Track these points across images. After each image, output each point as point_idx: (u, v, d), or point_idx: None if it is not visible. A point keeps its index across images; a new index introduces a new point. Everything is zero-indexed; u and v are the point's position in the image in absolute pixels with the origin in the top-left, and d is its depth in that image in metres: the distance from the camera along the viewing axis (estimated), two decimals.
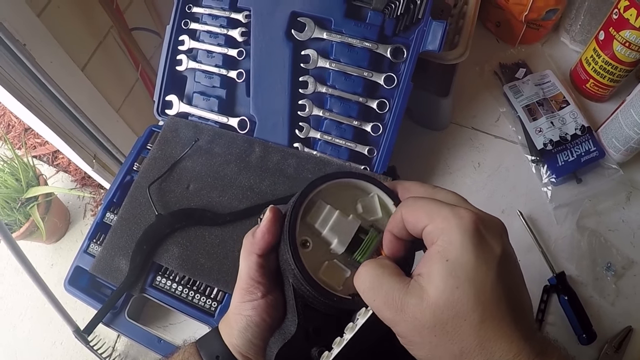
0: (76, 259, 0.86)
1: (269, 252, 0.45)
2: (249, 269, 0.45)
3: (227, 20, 0.88)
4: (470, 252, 0.33)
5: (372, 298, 0.36)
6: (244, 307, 0.46)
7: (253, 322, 0.45)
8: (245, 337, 0.46)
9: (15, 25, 1.00)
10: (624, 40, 0.85)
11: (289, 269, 0.42)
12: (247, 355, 0.46)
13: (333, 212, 0.42)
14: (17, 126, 2.13)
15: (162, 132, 0.89)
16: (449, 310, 0.33)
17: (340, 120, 0.83)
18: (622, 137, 0.86)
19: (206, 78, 0.90)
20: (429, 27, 0.78)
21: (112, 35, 1.29)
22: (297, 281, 0.41)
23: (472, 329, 0.32)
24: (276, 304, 0.46)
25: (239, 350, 0.46)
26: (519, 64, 1.03)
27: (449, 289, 0.33)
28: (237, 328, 0.46)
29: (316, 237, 0.42)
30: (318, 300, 0.41)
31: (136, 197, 0.84)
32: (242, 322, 0.46)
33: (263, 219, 0.44)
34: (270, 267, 0.46)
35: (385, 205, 0.44)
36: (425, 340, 0.34)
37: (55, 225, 1.77)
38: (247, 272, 0.45)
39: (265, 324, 0.45)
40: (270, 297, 0.45)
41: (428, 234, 0.36)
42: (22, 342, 1.75)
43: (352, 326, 0.38)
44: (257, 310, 0.45)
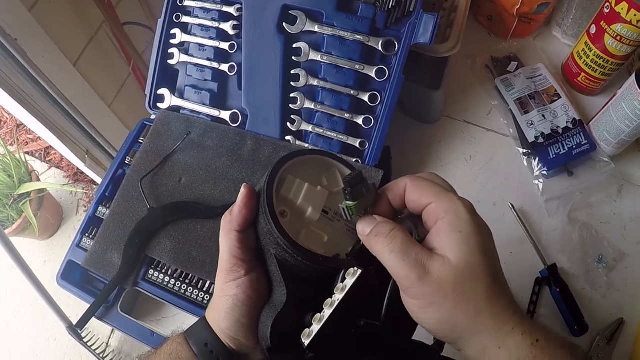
0: (69, 253, 0.86)
1: (247, 228, 0.46)
2: (230, 247, 0.46)
3: (218, 14, 0.88)
4: (477, 227, 0.39)
5: (402, 259, 0.39)
6: (229, 287, 0.46)
7: (239, 301, 0.45)
8: (233, 318, 0.46)
9: (6, 19, 1.00)
10: (615, 34, 0.85)
11: (271, 240, 0.44)
12: (236, 338, 0.46)
13: (303, 185, 0.45)
14: (9, 122, 2.11)
15: (154, 125, 0.89)
16: (468, 272, 0.38)
17: (332, 113, 0.83)
18: (614, 130, 0.87)
19: (198, 71, 0.90)
20: (420, 19, 0.79)
21: (104, 29, 1.29)
22: (281, 250, 0.43)
23: (485, 289, 0.38)
24: (260, 280, 0.46)
25: (228, 333, 0.46)
26: (511, 58, 1.03)
27: (465, 254, 0.38)
28: (223, 310, 0.46)
29: (291, 208, 0.45)
30: (303, 265, 0.43)
31: (128, 190, 0.84)
32: (229, 302, 0.46)
33: (239, 196, 0.46)
34: (250, 244, 0.47)
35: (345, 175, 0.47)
36: (446, 300, 0.38)
37: (48, 222, 1.77)
38: (228, 251, 0.46)
39: (251, 302, 0.46)
40: (254, 274, 0.46)
41: (432, 210, 0.41)
42: (16, 339, 1.74)
43: (342, 287, 0.41)
44: (242, 287, 0.45)
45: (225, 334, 0.46)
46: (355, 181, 0.42)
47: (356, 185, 0.42)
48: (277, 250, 0.44)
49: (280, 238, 0.42)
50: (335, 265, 0.43)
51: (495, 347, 0.37)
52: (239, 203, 0.45)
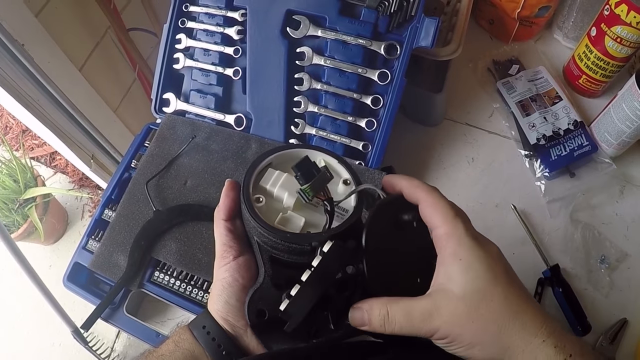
0: (75, 255, 0.87)
1: (233, 217, 0.51)
2: (220, 235, 0.50)
3: (223, 19, 0.89)
4: (480, 250, 0.40)
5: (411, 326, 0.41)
6: (220, 272, 0.49)
7: (227, 283, 0.48)
8: (222, 300, 0.49)
9: (13, 25, 1.01)
10: (615, 36, 0.86)
11: (250, 225, 0.48)
12: (227, 319, 0.49)
13: (282, 175, 0.49)
14: (15, 128, 2.13)
15: (159, 129, 0.90)
16: (477, 295, 0.39)
17: (335, 117, 0.84)
18: (615, 131, 0.87)
19: (203, 76, 0.91)
20: (422, 23, 0.80)
21: (110, 35, 1.30)
22: (258, 232, 0.46)
23: (500, 304, 0.39)
24: (248, 264, 0.49)
25: (221, 316, 0.49)
26: (512, 61, 1.04)
27: (470, 279, 0.39)
28: (215, 293, 0.49)
29: (269, 196, 0.49)
30: (276, 244, 0.45)
31: (134, 193, 0.85)
32: (219, 286, 0.49)
33: (223, 188, 0.51)
34: (238, 232, 0.51)
35: (330, 165, 0.51)
36: (465, 329, 0.39)
37: (53, 226, 1.78)
38: (219, 239, 0.50)
39: (237, 284, 0.48)
40: (242, 259, 0.49)
41: (438, 237, 0.42)
42: (21, 343, 1.75)
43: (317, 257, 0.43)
44: (230, 271, 0.48)
45: (218, 316, 0.49)
46: (303, 165, 0.45)
47: (305, 169, 0.45)
48: (256, 233, 0.47)
49: (251, 218, 0.45)
50: (302, 240, 0.44)
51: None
52: (222, 194, 0.51)
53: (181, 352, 0.48)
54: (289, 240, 0.44)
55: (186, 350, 0.48)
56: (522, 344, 0.38)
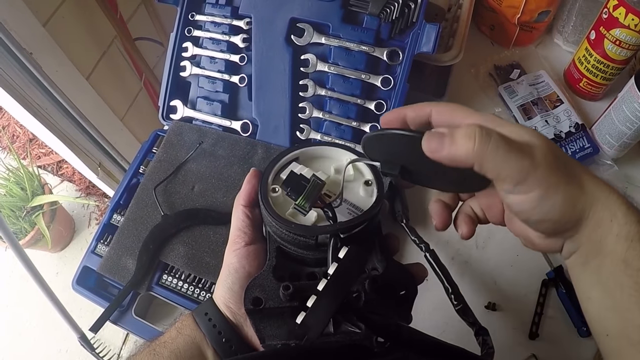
0: (84, 259, 0.88)
1: (252, 204, 0.51)
2: (236, 220, 0.50)
3: (229, 27, 0.91)
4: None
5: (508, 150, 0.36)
6: (228, 257, 0.49)
7: (233, 269, 0.48)
8: (226, 285, 0.48)
9: (21, 34, 1.03)
10: (614, 39, 0.88)
11: (262, 214, 0.48)
12: (228, 305, 0.48)
13: (304, 169, 0.48)
14: (22, 136, 2.16)
15: (167, 136, 0.91)
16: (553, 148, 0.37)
17: (340, 122, 0.85)
18: (615, 133, 0.88)
19: (209, 83, 0.92)
20: (423, 29, 0.81)
21: (116, 44, 1.32)
22: (267, 219, 0.46)
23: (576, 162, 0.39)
24: (257, 253, 0.49)
25: (222, 302, 0.49)
26: (514, 65, 1.05)
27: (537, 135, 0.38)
28: (221, 279, 0.49)
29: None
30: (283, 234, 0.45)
31: (142, 198, 0.86)
32: (225, 270, 0.49)
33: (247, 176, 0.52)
34: (255, 221, 0.50)
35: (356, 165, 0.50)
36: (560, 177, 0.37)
37: (60, 234, 1.80)
38: (235, 224, 0.50)
39: (243, 271, 0.48)
40: (253, 247, 0.49)
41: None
42: (28, 350, 1.76)
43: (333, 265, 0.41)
44: (238, 257, 0.48)
45: (219, 302, 0.49)
46: (291, 181, 0.46)
47: (294, 183, 0.46)
48: (266, 221, 0.47)
49: (262, 205, 0.45)
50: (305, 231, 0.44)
51: (608, 220, 0.37)
52: (245, 179, 0.51)
53: (182, 339, 0.48)
54: (293, 231, 0.44)
55: (187, 337, 0.48)
56: (603, 198, 0.37)
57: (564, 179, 0.37)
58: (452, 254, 0.89)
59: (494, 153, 0.36)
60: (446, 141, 0.37)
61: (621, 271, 0.37)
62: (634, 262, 0.36)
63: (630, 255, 0.37)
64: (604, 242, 0.38)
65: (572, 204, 0.37)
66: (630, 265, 0.37)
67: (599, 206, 0.37)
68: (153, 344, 0.48)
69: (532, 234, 0.43)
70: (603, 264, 0.38)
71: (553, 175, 0.37)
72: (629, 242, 0.37)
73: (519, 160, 0.36)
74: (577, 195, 0.37)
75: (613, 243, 0.37)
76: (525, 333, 0.81)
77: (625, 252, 0.37)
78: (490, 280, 0.86)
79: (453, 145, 0.37)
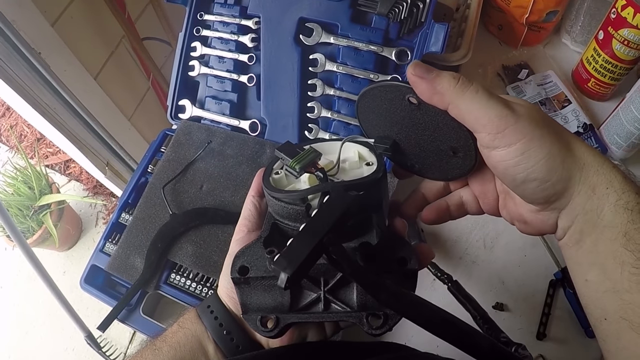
0: (92, 257, 0.89)
1: (261, 194, 0.51)
2: (245, 209, 0.50)
3: (237, 27, 0.91)
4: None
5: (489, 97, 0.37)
6: (232, 246, 0.48)
7: None
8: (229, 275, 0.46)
9: (30, 34, 1.04)
10: (622, 39, 0.87)
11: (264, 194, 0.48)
12: (232, 297, 0.47)
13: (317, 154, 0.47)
14: (30, 136, 2.17)
15: (175, 135, 0.92)
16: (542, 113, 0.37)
17: (348, 121, 0.85)
18: (624, 133, 0.88)
19: (218, 83, 0.93)
20: (432, 29, 0.81)
21: (124, 44, 1.33)
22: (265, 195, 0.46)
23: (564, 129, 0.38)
24: None
25: (226, 292, 0.48)
26: (522, 65, 1.05)
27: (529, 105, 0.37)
28: (223, 270, 0.48)
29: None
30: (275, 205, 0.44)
31: (151, 197, 0.87)
32: (228, 259, 0.47)
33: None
34: (261, 211, 0.50)
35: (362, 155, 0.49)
36: (544, 132, 0.36)
37: (67, 232, 1.81)
38: (242, 214, 0.50)
39: None
40: (256, 234, 0.48)
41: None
42: (35, 348, 1.77)
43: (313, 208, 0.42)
44: (239, 244, 0.47)
45: (223, 293, 0.48)
46: (285, 147, 0.46)
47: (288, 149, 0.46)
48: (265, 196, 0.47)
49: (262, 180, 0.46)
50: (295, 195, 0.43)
51: (604, 187, 0.35)
52: (257, 172, 0.51)
53: (183, 332, 0.47)
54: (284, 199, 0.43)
55: (188, 330, 0.47)
56: (595, 163, 0.36)
57: (549, 135, 0.36)
58: (460, 254, 0.89)
59: (473, 94, 0.36)
60: (433, 72, 0.38)
61: (621, 246, 0.34)
62: (636, 236, 0.34)
63: (632, 228, 0.34)
64: (601, 212, 0.35)
65: (560, 160, 0.36)
66: (632, 239, 0.34)
67: (591, 171, 0.36)
68: (155, 340, 0.48)
69: (524, 212, 0.42)
70: (600, 239, 0.36)
71: (537, 129, 0.36)
72: (628, 212, 0.34)
73: (499, 108, 0.36)
74: (565, 155, 0.36)
75: (611, 213, 0.35)
76: (533, 333, 0.81)
77: (626, 224, 0.34)
78: (497, 281, 0.86)
79: (437, 77, 0.38)
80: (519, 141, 0.36)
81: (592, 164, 0.36)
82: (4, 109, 2.25)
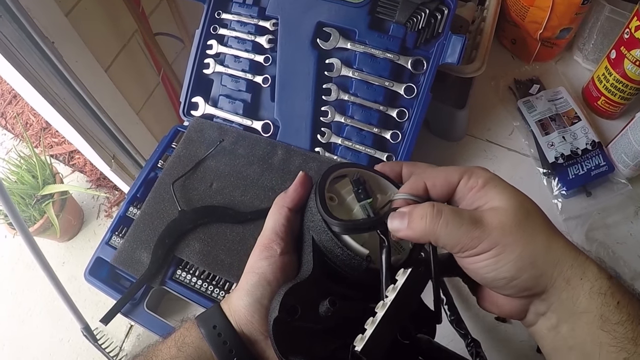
0: (97, 250, 0.89)
1: (297, 209, 0.48)
2: (275, 223, 0.47)
3: (255, 27, 0.91)
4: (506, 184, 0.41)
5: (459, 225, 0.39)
6: (260, 264, 0.45)
7: (265, 280, 0.44)
8: (254, 296, 0.44)
9: (44, 23, 1.04)
10: (634, 59, 0.88)
11: (312, 220, 0.45)
12: (251, 320, 0.44)
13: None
14: (35, 125, 2.17)
15: (187, 132, 0.92)
16: (522, 210, 0.39)
17: (361, 127, 0.86)
18: (632, 152, 0.89)
19: (232, 82, 0.93)
20: (449, 40, 0.82)
21: (136, 38, 1.33)
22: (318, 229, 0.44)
23: (546, 222, 0.39)
24: (291, 266, 0.46)
25: (244, 313, 0.44)
26: (533, 81, 1.06)
27: (511, 199, 0.39)
28: (246, 287, 0.45)
29: (340, 200, 0.47)
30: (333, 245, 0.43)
31: (160, 193, 0.87)
32: (254, 279, 0.44)
33: (296, 178, 0.48)
34: (293, 228, 0.47)
35: None
36: (516, 237, 0.38)
37: (69, 223, 1.80)
38: (272, 227, 0.47)
39: (277, 284, 0.44)
40: (288, 257, 0.46)
41: (465, 184, 0.42)
42: (30, 338, 1.77)
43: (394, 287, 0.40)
44: (273, 267, 0.44)
45: (240, 314, 0.44)
46: (359, 183, 0.46)
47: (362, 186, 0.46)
48: (315, 231, 0.44)
49: (321, 208, 0.43)
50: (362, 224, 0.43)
51: (578, 278, 0.37)
52: (295, 182, 0.48)
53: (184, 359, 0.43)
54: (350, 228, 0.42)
55: (189, 357, 0.43)
56: (569, 258, 0.37)
57: (521, 239, 0.38)
58: None
59: (444, 228, 0.39)
60: (405, 221, 0.41)
61: (598, 328, 0.36)
62: (611, 317, 0.36)
63: (606, 310, 0.36)
64: (577, 300, 0.37)
65: (530, 261, 0.38)
66: (607, 320, 0.36)
67: (565, 266, 0.38)
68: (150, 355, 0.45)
69: (498, 297, 0.43)
70: (577, 325, 0.38)
71: (508, 236, 0.38)
72: (602, 296, 0.37)
73: (469, 232, 0.38)
74: (538, 254, 0.38)
75: (586, 300, 0.37)
76: (534, 347, 0.81)
77: (601, 307, 0.37)
78: None
79: (410, 223, 0.40)
80: (488, 251, 0.38)
81: (566, 259, 0.38)
82: (11, 96, 2.25)
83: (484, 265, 0.39)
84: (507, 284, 0.39)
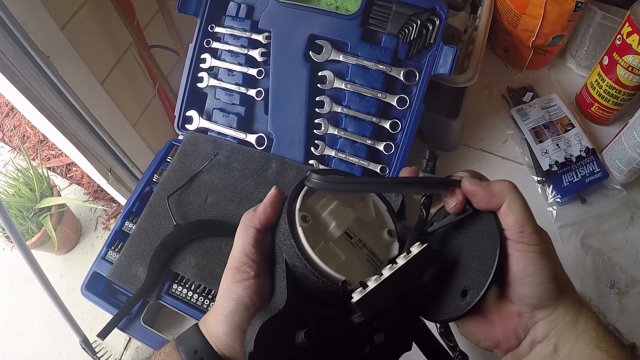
0: (94, 265, 0.89)
1: (266, 229, 0.45)
2: (245, 244, 0.45)
3: (247, 41, 0.92)
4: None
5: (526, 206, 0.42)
6: (235, 289, 0.43)
7: (242, 305, 0.43)
8: (232, 323, 0.43)
9: (39, 37, 1.05)
10: (627, 65, 0.89)
11: (284, 243, 0.43)
12: (232, 345, 0.43)
13: (333, 200, 0.46)
14: (32, 137, 2.17)
15: (182, 146, 0.92)
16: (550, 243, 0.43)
17: (355, 139, 0.86)
18: (625, 158, 0.89)
19: (226, 95, 0.93)
20: (441, 51, 0.82)
21: (132, 51, 1.34)
22: (291, 254, 0.42)
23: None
24: (266, 288, 0.44)
25: (224, 339, 0.43)
26: (526, 88, 1.06)
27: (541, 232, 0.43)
28: (224, 312, 0.43)
29: (315, 218, 0.44)
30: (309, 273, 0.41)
31: (155, 207, 0.87)
32: (231, 305, 0.43)
33: (267, 195, 0.46)
34: (264, 248, 0.45)
35: (379, 210, 0.49)
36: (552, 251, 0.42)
37: (67, 236, 1.80)
38: (242, 249, 0.45)
39: (254, 308, 0.43)
40: (262, 280, 0.44)
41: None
42: (29, 351, 1.76)
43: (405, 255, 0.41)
44: (248, 291, 0.43)
45: (221, 340, 0.43)
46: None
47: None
48: (288, 255, 0.43)
49: (291, 239, 0.41)
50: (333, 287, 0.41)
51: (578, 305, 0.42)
52: (265, 202, 0.45)
53: None
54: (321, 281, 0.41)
55: None
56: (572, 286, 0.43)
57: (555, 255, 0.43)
58: None
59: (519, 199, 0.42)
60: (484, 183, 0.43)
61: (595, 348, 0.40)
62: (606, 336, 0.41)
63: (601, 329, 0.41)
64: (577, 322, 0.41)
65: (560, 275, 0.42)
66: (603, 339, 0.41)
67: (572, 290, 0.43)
68: None
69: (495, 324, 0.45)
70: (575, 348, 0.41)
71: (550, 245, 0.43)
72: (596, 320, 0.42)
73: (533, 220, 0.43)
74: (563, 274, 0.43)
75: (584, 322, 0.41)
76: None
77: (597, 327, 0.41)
78: None
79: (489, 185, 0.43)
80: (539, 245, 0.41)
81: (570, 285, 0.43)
82: (8, 109, 2.25)
83: (532, 257, 0.41)
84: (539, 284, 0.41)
